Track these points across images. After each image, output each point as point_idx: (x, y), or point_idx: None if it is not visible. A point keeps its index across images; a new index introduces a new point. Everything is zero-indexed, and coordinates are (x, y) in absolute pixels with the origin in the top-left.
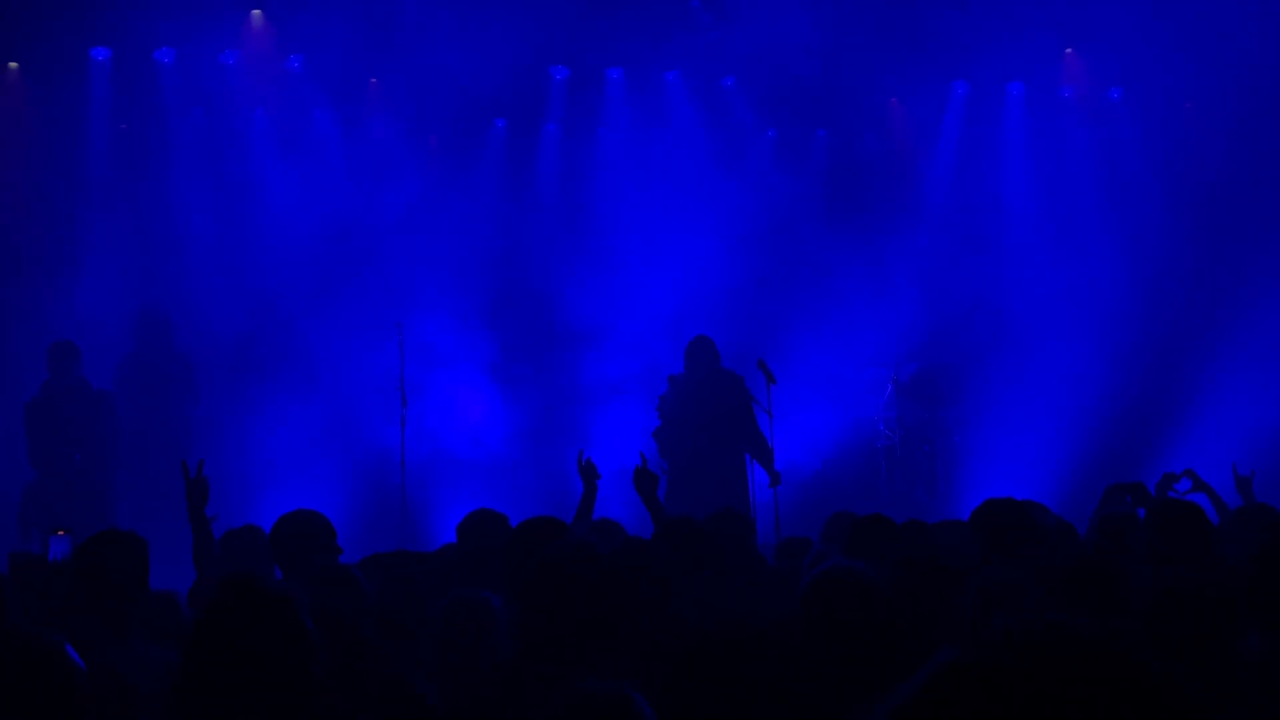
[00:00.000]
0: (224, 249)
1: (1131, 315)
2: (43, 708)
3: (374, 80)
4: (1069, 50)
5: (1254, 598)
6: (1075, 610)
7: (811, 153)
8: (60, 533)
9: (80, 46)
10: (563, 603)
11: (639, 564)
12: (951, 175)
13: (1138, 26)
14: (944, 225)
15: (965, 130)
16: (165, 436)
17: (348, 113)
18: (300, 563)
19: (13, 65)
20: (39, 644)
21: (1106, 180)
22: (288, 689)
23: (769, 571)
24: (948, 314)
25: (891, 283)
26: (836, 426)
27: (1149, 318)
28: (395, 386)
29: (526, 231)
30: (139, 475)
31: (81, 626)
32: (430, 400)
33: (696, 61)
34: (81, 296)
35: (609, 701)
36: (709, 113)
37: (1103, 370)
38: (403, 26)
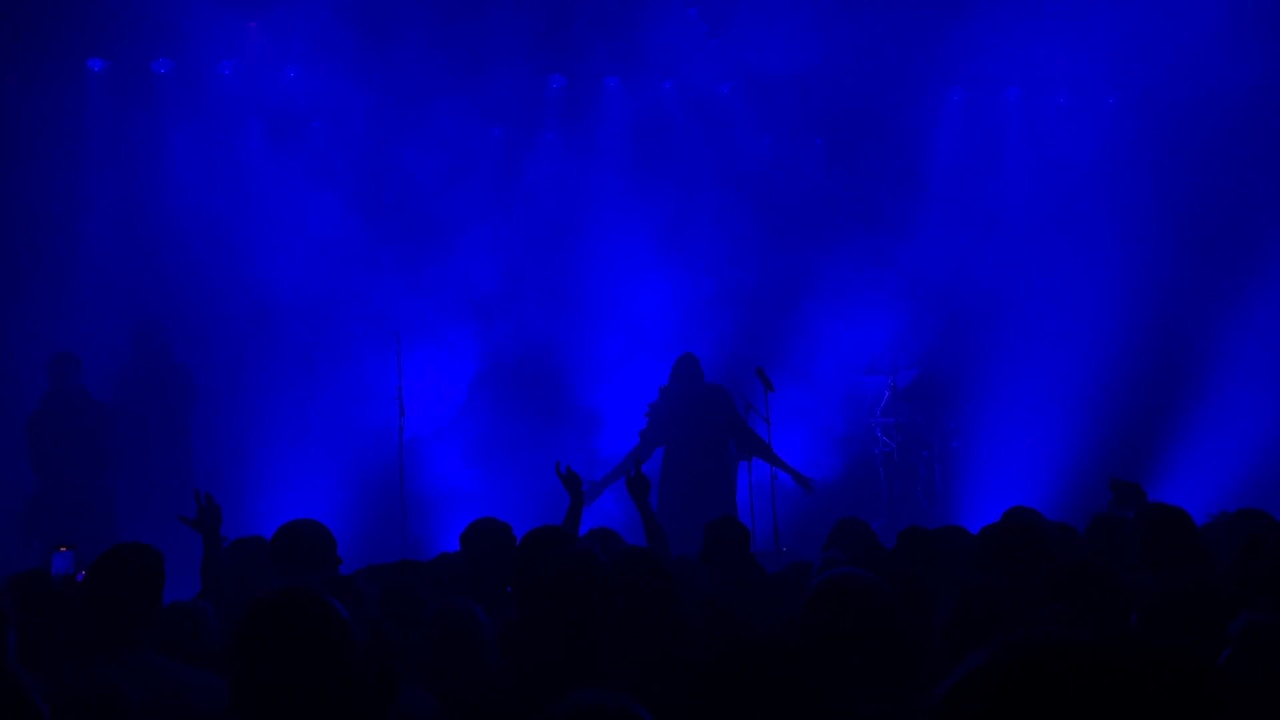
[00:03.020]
0: (222, 259)
1: (1130, 320)
2: None
3: (371, 90)
4: (1065, 57)
5: (1241, 589)
6: (1069, 613)
7: (809, 161)
8: (63, 548)
9: (77, 57)
10: (568, 610)
11: (639, 571)
12: (949, 182)
13: (1134, 32)
14: (941, 232)
15: (962, 137)
16: (165, 447)
17: (344, 122)
18: (301, 573)
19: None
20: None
21: (1104, 186)
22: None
23: (768, 579)
24: (945, 320)
25: (889, 289)
26: (835, 433)
27: (1147, 323)
28: (393, 396)
29: (523, 241)
30: (140, 486)
31: (93, 638)
32: (428, 411)
33: (693, 69)
34: (81, 308)
35: (612, 714)
36: (706, 120)
37: (1101, 375)
38: (399, 37)
